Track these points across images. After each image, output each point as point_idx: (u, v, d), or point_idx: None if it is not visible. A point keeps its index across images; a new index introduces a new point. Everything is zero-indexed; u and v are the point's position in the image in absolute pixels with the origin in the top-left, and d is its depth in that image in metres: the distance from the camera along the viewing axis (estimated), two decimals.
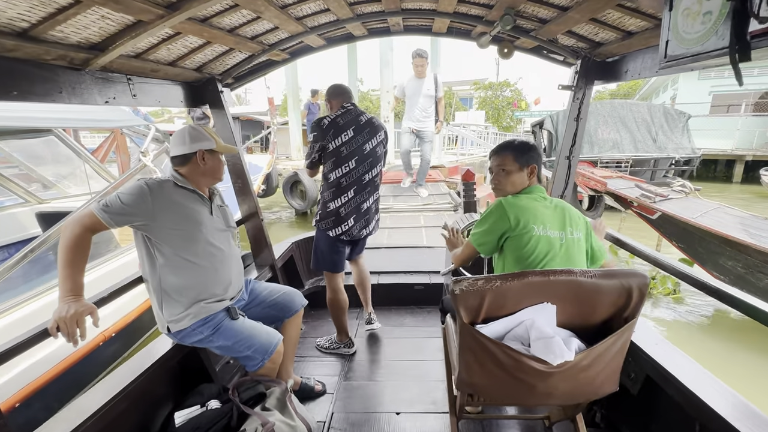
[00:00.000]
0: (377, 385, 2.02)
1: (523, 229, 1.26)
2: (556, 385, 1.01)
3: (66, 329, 1.19)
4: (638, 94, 25.84)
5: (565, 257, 1.26)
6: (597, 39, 1.86)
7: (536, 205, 1.33)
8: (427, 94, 5.09)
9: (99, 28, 1.33)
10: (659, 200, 4.79)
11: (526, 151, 1.42)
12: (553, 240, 1.27)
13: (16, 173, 3.85)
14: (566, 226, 1.31)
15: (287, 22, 1.86)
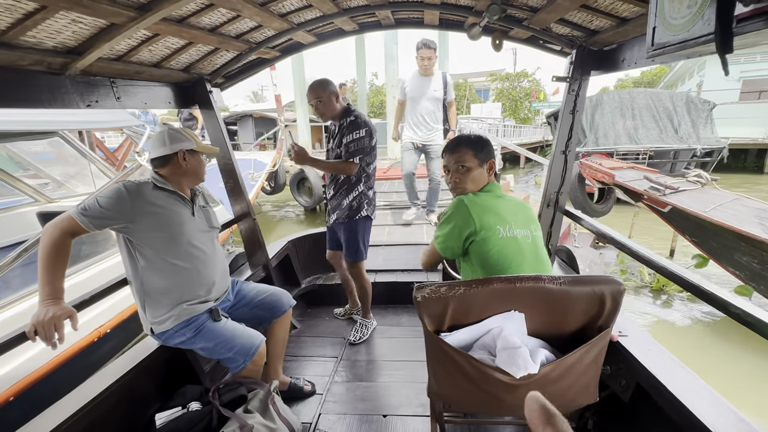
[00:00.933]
0: (367, 386, 2.00)
1: (488, 231, 1.20)
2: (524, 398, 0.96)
3: (43, 333, 1.21)
4: (663, 81, 24.84)
5: (534, 257, 1.20)
6: (592, 27, 1.76)
7: (498, 203, 1.26)
8: (433, 96, 3.85)
9: (72, 32, 1.33)
10: (669, 193, 4.56)
11: (484, 145, 1.35)
12: (520, 240, 1.21)
13: (28, 174, 3.98)
14: (530, 223, 1.25)
15: (270, 20, 1.83)
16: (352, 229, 2.29)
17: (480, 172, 1.34)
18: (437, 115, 3.94)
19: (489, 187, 1.33)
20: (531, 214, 1.29)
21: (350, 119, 2.19)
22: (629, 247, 1.57)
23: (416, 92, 3.87)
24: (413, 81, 3.90)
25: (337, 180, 2.28)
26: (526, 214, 1.27)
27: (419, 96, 3.87)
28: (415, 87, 3.88)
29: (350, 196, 2.26)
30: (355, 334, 2.44)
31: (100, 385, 1.42)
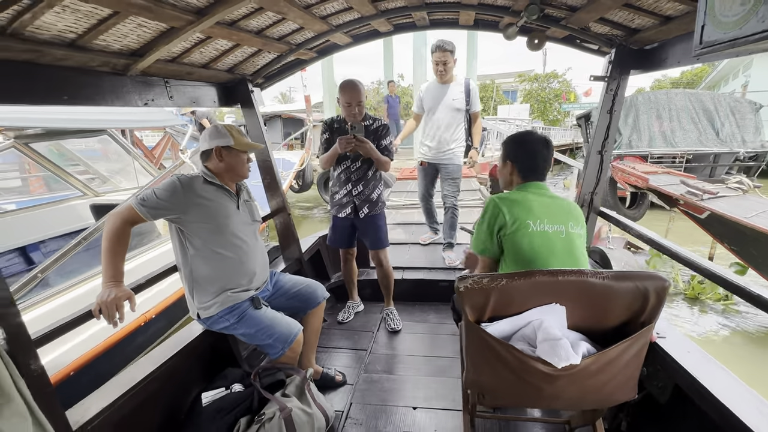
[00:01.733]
0: (396, 379, 2.05)
1: (518, 225, 1.22)
2: (563, 389, 0.98)
3: (107, 312, 1.32)
4: (704, 82, 23.66)
5: (566, 254, 1.21)
6: (633, 25, 1.74)
7: (530, 197, 1.27)
8: (452, 106, 3.12)
9: (137, 35, 1.44)
10: (707, 198, 4.36)
11: (507, 143, 1.41)
12: (550, 235, 1.22)
13: (79, 170, 4.26)
14: (568, 219, 1.25)
15: (312, 22, 1.90)
16: (382, 219, 2.48)
17: (503, 170, 1.40)
18: (456, 130, 3.17)
19: (527, 185, 1.34)
20: (571, 211, 1.29)
21: (382, 123, 2.35)
22: (670, 249, 1.55)
23: (432, 102, 3.19)
24: (430, 90, 3.22)
25: (366, 176, 2.36)
26: (564, 210, 1.27)
27: (434, 106, 3.18)
28: (432, 96, 3.19)
29: (377, 190, 2.42)
30: (392, 324, 2.56)
31: (151, 365, 1.53)
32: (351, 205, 2.39)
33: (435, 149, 3.20)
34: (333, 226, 2.53)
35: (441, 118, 3.16)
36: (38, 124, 2.88)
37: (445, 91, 3.14)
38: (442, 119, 3.16)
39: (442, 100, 3.14)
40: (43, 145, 3.56)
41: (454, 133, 3.17)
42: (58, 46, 1.27)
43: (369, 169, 2.36)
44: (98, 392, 1.37)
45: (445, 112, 3.15)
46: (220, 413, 1.47)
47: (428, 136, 3.24)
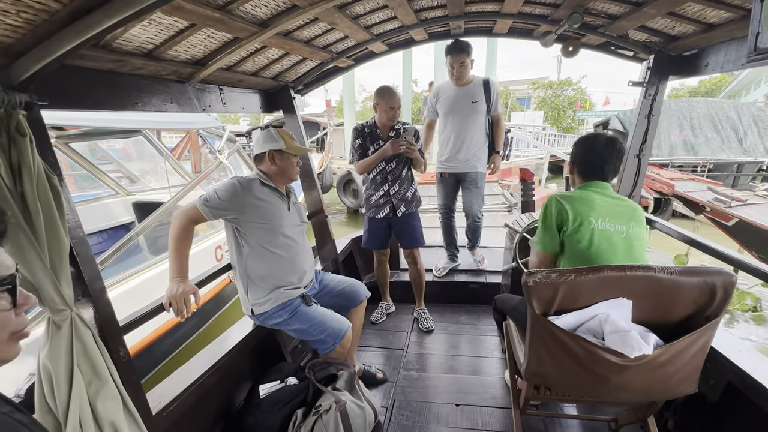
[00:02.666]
0: (436, 377, 2.09)
1: (581, 220, 1.25)
2: (631, 380, 1.02)
3: (176, 306, 1.40)
4: (724, 91, 23.25)
5: (625, 254, 1.23)
6: (673, 33, 1.78)
7: (593, 197, 1.30)
8: (473, 109, 2.82)
9: (204, 46, 1.54)
10: (736, 205, 4.32)
11: (576, 145, 1.44)
12: (612, 234, 1.24)
13: (110, 169, 4.43)
14: (630, 220, 1.27)
15: (357, 32, 1.99)
16: (417, 218, 2.57)
17: (568, 171, 1.45)
18: (477, 134, 2.85)
19: (589, 184, 1.37)
20: (634, 212, 1.30)
21: (415, 128, 2.42)
22: (716, 249, 1.57)
23: (449, 106, 2.87)
24: (445, 92, 2.91)
25: (401, 176, 2.43)
26: (627, 211, 1.29)
27: (452, 110, 2.86)
28: (448, 100, 2.87)
29: (411, 188, 2.50)
30: (425, 323, 2.62)
31: (210, 359, 1.60)
32: (389, 204, 2.46)
33: (455, 158, 2.89)
34: (369, 228, 2.58)
35: (461, 124, 2.84)
36: (82, 124, 3.00)
37: (464, 93, 2.83)
38: (462, 124, 2.84)
39: (461, 103, 2.83)
40: (81, 145, 3.72)
41: (475, 137, 2.85)
42: (137, 56, 1.37)
43: (404, 168, 2.44)
44: (167, 381, 1.44)
45: (464, 115, 2.83)
46: (277, 404, 1.53)
47: (446, 143, 2.93)
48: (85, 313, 1.08)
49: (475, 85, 2.83)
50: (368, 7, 1.79)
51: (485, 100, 2.81)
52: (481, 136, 2.87)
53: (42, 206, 0.95)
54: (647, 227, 1.37)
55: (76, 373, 1.01)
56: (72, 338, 1.02)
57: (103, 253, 2.31)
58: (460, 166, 2.90)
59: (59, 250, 0.99)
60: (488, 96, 2.82)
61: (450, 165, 2.94)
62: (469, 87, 2.83)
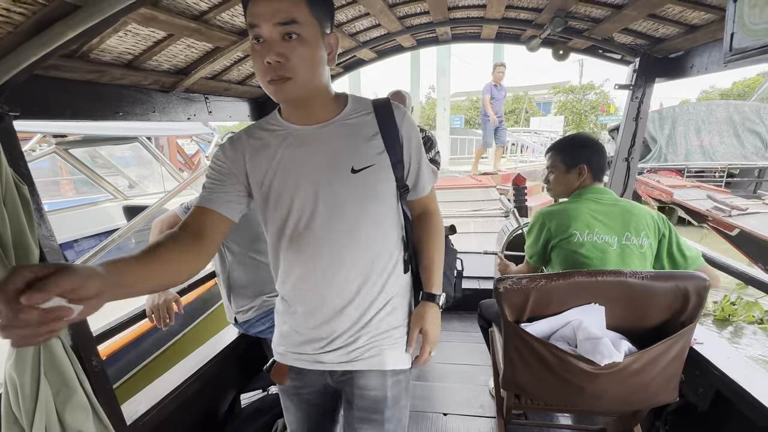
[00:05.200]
0: (426, 385, 2.06)
1: (565, 235, 1.23)
2: (605, 388, 0.99)
3: (158, 314, 1.40)
4: (756, 93, 22.58)
5: (616, 264, 1.19)
6: (657, 35, 1.77)
7: (583, 208, 1.26)
8: None
9: (185, 55, 1.55)
10: (736, 214, 4.18)
11: (573, 149, 1.35)
12: (602, 245, 1.21)
13: (107, 174, 4.50)
14: (624, 230, 1.22)
15: (342, 39, 2.00)
16: None
17: (567, 177, 1.35)
18: None
19: (581, 191, 1.32)
20: (632, 220, 1.23)
21: (427, 135, 2.41)
22: (713, 259, 1.53)
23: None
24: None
25: None
26: (622, 219, 1.23)
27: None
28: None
29: None
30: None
31: (192, 367, 1.59)
32: None
33: None
34: None
35: None
36: (81, 131, 3.08)
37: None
38: None
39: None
40: (79, 151, 3.79)
41: None
42: (117, 66, 1.39)
43: None
44: (146, 390, 1.43)
45: None
46: (258, 414, 1.52)
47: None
48: None
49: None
50: (350, 15, 1.81)
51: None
52: None
53: (9, 216, 0.96)
54: (662, 235, 1.25)
55: (43, 383, 1.01)
56: (39, 348, 1.01)
57: (81, 257, 2.33)
58: None
59: (28, 260, 0.99)
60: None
61: None
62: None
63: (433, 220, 0.98)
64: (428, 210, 0.99)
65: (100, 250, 2.52)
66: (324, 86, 0.85)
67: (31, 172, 1.10)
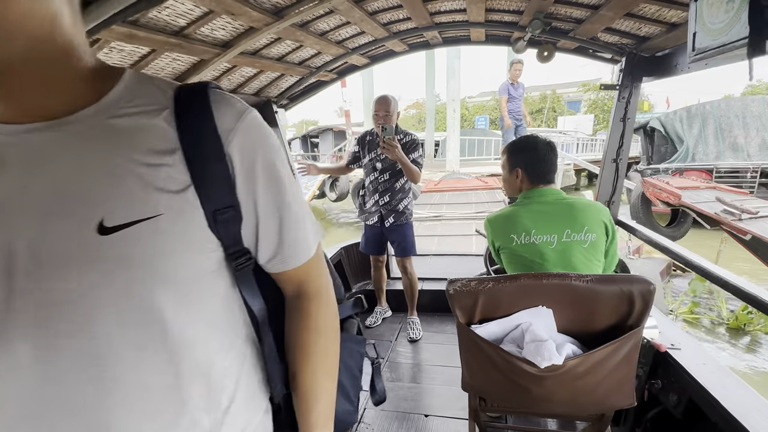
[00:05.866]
0: (410, 387, 2.08)
1: (505, 240, 1.27)
2: (552, 391, 0.99)
3: None
4: None
5: (559, 264, 1.20)
6: (642, 33, 1.74)
7: (522, 211, 1.28)
8: None
9: (172, 68, 1.65)
10: (747, 218, 3.93)
11: (512, 152, 1.37)
12: (540, 245, 1.22)
13: None
14: (565, 227, 1.22)
15: (328, 47, 2.06)
16: (409, 228, 2.57)
17: (509, 178, 1.38)
18: None
19: (524, 194, 1.34)
20: (574, 216, 1.23)
21: (412, 137, 2.44)
22: (704, 268, 1.48)
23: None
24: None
25: (393, 188, 2.47)
26: (562, 217, 1.23)
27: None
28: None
29: (404, 201, 2.51)
30: (411, 333, 2.60)
31: None
32: (378, 214, 2.51)
33: None
34: (364, 234, 2.68)
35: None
36: None
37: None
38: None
39: None
40: None
41: None
42: None
43: (397, 181, 2.47)
44: None
45: None
46: None
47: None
48: None
49: None
50: (331, 24, 1.86)
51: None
52: None
53: None
54: (607, 228, 1.26)
55: None
56: None
57: None
58: None
59: None
60: None
61: None
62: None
63: (315, 309, 0.56)
64: (308, 291, 0.56)
65: None
66: (59, 39, 0.40)
67: None
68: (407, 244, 2.56)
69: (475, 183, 6.22)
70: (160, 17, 1.31)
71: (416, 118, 33.44)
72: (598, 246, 1.23)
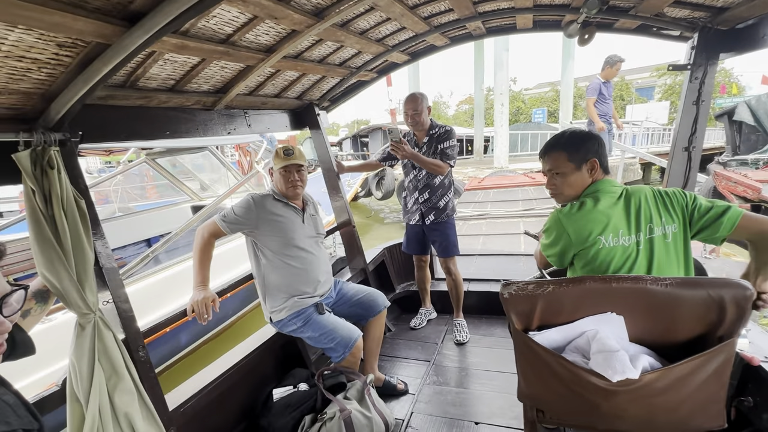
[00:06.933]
0: (460, 392, 2.00)
1: (587, 243, 1.09)
2: (624, 407, 0.88)
3: (198, 312, 1.55)
4: None
5: (645, 265, 1.05)
6: (719, 4, 1.54)
7: (602, 208, 1.12)
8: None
9: (220, 76, 1.70)
10: None
11: (580, 143, 1.20)
12: (628, 248, 1.06)
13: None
14: (642, 224, 1.07)
15: (368, 45, 2.04)
16: (451, 226, 2.49)
17: (578, 175, 1.20)
18: None
19: (592, 188, 1.18)
20: (646, 211, 1.09)
21: (445, 129, 2.39)
22: None
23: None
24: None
25: (432, 185, 2.41)
26: (639, 214, 1.09)
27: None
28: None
29: (445, 198, 2.45)
30: (458, 335, 2.51)
31: (231, 361, 1.73)
32: (419, 212, 2.47)
33: None
34: (406, 233, 2.65)
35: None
36: (164, 145, 3.80)
37: None
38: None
39: None
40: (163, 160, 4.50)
41: None
42: (162, 91, 1.57)
43: (435, 177, 2.41)
44: (190, 381, 1.59)
45: None
46: (287, 409, 1.60)
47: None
48: (108, 317, 1.24)
49: None
50: (371, 21, 1.83)
51: None
52: None
53: (69, 226, 1.13)
54: (681, 215, 1.09)
55: (97, 369, 1.17)
56: (95, 338, 1.18)
57: (129, 263, 2.85)
58: None
59: (84, 263, 1.17)
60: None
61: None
62: None
63: None
64: None
65: (170, 240, 3.12)
66: None
67: (88, 188, 1.29)
68: (449, 244, 2.48)
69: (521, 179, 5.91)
70: (208, 26, 1.35)
71: (469, 113, 32.76)
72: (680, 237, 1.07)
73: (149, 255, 2.99)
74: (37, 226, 1.08)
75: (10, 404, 0.73)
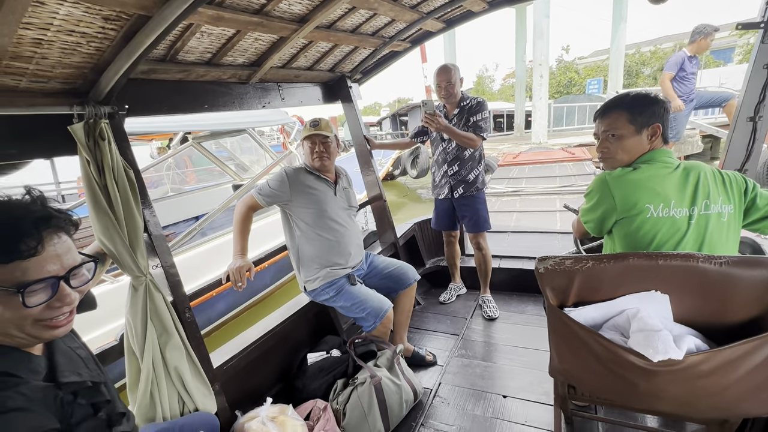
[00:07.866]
0: (488, 366, 2.02)
1: (634, 211, 1.02)
2: (665, 388, 0.85)
3: (234, 278, 1.63)
4: None
5: (695, 241, 0.98)
6: None
7: (657, 176, 1.03)
8: None
9: (255, 48, 1.71)
10: None
11: (645, 106, 1.09)
12: (678, 221, 0.99)
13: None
14: (698, 199, 0.99)
15: (402, 13, 1.96)
16: (481, 200, 2.44)
17: (637, 140, 1.10)
18: None
19: (648, 156, 1.09)
20: (704, 186, 1.01)
21: (477, 100, 2.31)
22: None
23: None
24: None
25: (462, 157, 2.36)
26: (695, 187, 1.01)
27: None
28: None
29: (474, 171, 2.39)
30: (488, 311, 2.50)
31: (268, 326, 1.82)
32: (448, 185, 2.44)
33: None
34: (435, 209, 2.63)
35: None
36: (208, 128, 4.03)
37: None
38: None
39: None
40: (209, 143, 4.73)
41: None
42: (200, 65, 1.60)
43: (465, 149, 2.35)
44: (231, 343, 1.70)
45: None
46: (321, 372, 1.68)
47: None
48: (158, 279, 1.34)
49: None
50: None
51: None
52: None
53: (120, 195, 1.21)
54: (737, 199, 1.02)
55: (150, 326, 1.28)
56: (146, 299, 1.28)
57: (178, 237, 3.00)
58: None
59: (135, 229, 1.25)
60: None
61: None
62: None
63: None
64: None
65: (213, 214, 3.38)
66: None
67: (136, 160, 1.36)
68: (479, 219, 2.44)
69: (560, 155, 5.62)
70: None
71: (515, 87, 31.86)
72: (736, 219, 1.00)
73: (196, 228, 3.18)
74: (92, 194, 1.16)
75: (83, 357, 0.82)
